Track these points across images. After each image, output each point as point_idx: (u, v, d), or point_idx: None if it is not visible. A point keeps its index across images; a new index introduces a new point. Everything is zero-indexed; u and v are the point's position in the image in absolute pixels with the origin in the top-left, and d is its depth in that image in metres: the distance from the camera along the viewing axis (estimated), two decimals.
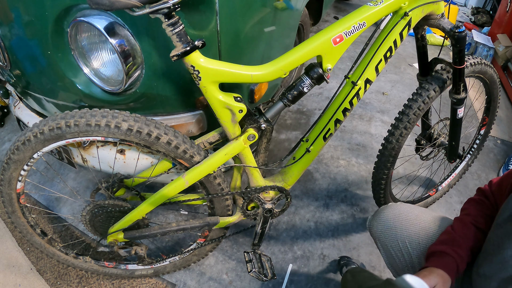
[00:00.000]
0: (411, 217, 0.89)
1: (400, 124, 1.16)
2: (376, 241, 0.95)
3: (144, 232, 1.05)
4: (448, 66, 1.13)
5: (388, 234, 0.90)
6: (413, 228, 0.87)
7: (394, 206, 0.95)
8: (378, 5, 0.92)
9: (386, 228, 0.91)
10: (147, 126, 0.86)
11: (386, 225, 0.91)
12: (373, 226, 0.95)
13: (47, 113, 1.17)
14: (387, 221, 0.91)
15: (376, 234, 0.94)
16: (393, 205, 0.96)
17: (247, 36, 1.05)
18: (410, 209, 0.92)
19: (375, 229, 0.94)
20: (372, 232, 0.96)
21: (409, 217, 0.90)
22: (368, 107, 2.22)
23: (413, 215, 0.90)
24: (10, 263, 1.33)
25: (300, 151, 1.08)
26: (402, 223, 0.89)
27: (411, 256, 0.86)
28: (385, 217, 0.93)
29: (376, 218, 0.95)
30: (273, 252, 1.40)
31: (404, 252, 0.87)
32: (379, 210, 0.98)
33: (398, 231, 0.88)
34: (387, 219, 0.92)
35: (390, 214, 0.92)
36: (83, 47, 0.93)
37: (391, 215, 0.92)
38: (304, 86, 0.92)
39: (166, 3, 0.71)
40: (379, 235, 0.93)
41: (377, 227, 0.93)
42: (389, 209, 0.94)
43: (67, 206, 1.56)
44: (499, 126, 2.23)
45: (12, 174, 0.93)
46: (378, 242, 0.94)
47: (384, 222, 0.92)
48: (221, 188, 1.02)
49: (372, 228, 0.95)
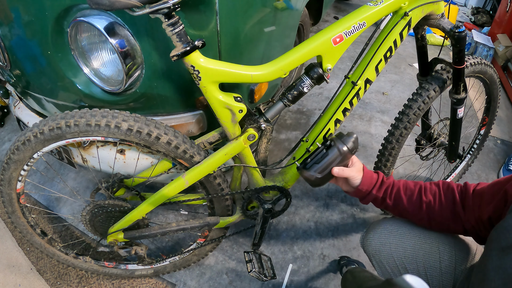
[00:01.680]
0: (406, 231, 0.85)
1: (400, 124, 1.16)
2: (371, 259, 0.91)
3: (144, 232, 1.05)
4: (448, 66, 1.13)
5: (383, 251, 0.86)
6: (408, 242, 0.83)
7: (387, 221, 0.90)
8: (378, 5, 0.92)
9: (381, 245, 0.86)
10: (147, 126, 0.86)
11: (380, 242, 0.87)
12: (366, 243, 0.90)
13: (47, 113, 1.17)
14: (381, 238, 0.87)
15: (370, 251, 0.89)
16: (386, 220, 0.92)
17: (247, 36, 1.05)
18: (404, 223, 0.88)
19: (369, 247, 0.89)
20: (366, 250, 0.91)
21: (404, 231, 0.86)
22: (368, 107, 2.22)
23: (407, 229, 0.86)
24: (10, 263, 1.33)
25: (300, 151, 1.08)
26: (397, 238, 0.85)
27: (407, 271, 0.82)
28: (379, 233, 0.88)
29: (369, 235, 0.90)
30: (273, 252, 1.40)
31: (400, 268, 0.83)
32: (371, 226, 0.93)
33: (393, 247, 0.84)
34: (381, 236, 0.87)
35: (383, 230, 0.88)
36: (83, 47, 0.93)
37: (384, 230, 0.88)
38: (304, 86, 0.92)
39: (166, 3, 0.71)
40: (373, 253, 0.88)
41: (371, 245, 0.89)
42: (382, 224, 0.90)
43: (67, 206, 1.56)
44: (499, 126, 2.23)
45: (12, 174, 0.93)
46: (373, 259, 0.89)
47: (378, 238, 0.87)
48: (221, 188, 1.02)
49: (366, 245, 0.90)
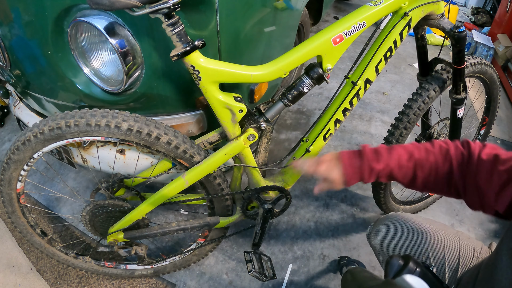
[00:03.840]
0: (413, 227, 0.87)
1: (400, 124, 1.16)
2: (377, 252, 0.93)
3: (144, 232, 1.05)
4: (448, 66, 1.13)
5: (389, 245, 0.87)
6: (414, 238, 0.85)
7: (395, 216, 0.92)
8: (378, 5, 0.93)
9: (388, 239, 0.88)
10: (147, 126, 0.86)
11: (387, 236, 0.88)
12: (373, 237, 0.92)
13: (47, 113, 1.17)
14: (388, 232, 0.89)
15: (377, 245, 0.91)
16: (393, 215, 0.93)
17: (247, 36, 1.05)
18: (411, 219, 0.89)
19: (375, 240, 0.91)
20: (372, 244, 0.93)
21: (411, 227, 0.87)
22: (368, 107, 2.22)
23: (414, 224, 0.87)
24: (10, 263, 1.33)
25: (300, 151, 1.08)
26: (404, 234, 0.86)
27: None
28: (386, 228, 0.90)
29: (376, 229, 0.92)
30: (273, 252, 1.40)
31: None
32: (378, 221, 0.95)
33: (400, 241, 0.86)
34: (388, 230, 0.89)
35: (391, 224, 0.89)
36: (83, 47, 0.93)
37: (392, 225, 0.89)
38: (304, 86, 0.92)
39: (166, 3, 0.71)
40: (380, 247, 0.90)
41: (378, 238, 0.90)
42: (389, 219, 0.91)
43: (67, 206, 1.56)
44: (499, 126, 2.23)
45: (12, 174, 0.93)
46: (379, 253, 0.91)
47: (385, 233, 0.89)
48: (221, 188, 1.02)
49: (373, 239, 0.92)
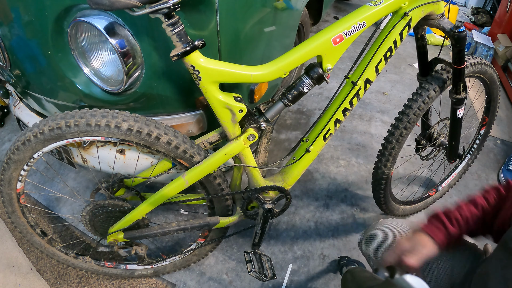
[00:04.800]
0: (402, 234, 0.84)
1: (400, 124, 1.16)
2: (369, 261, 0.90)
3: (144, 232, 1.05)
4: (448, 66, 1.13)
5: (380, 253, 0.85)
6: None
7: (385, 223, 0.89)
8: (378, 5, 0.92)
9: (379, 247, 0.85)
10: (147, 126, 0.86)
11: (378, 244, 0.86)
12: (364, 245, 0.89)
13: (47, 113, 1.17)
14: (379, 240, 0.86)
15: (369, 254, 0.88)
16: (384, 221, 0.90)
17: (247, 36, 1.05)
18: (402, 225, 0.87)
19: (367, 249, 0.88)
20: (364, 252, 0.90)
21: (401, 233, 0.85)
22: (368, 107, 2.22)
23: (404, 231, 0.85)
24: (10, 263, 1.33)
25: (300, 151, 1.08)
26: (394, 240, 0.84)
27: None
28: (377, 235, 0.87)
29: (367, 237, 0.89)
30: (273, 252, 1.40)
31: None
32: (369, 228, 0.92)
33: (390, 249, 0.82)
34: (379, 237, 0.86)
35: (381, 232, 0.87)
36: (83, 47, 0.93)
37: (382, 232, 0.86)
38: (304, 86, 0.92)
39: (166, 3, 0.71)
40: (372, 255, 0.87)
41: (369, 247, 0.87)
42: (379, 226, 0.89)
43: (67, 206, 1.56)
44: (499, 126, 2.23)
45: (12, 174, 0.93)
46: (371, 261, 0.88)
47: (376, 240, 0.86)
48: (221, 188, 1.02)
49: (364, 247, 0.89)
